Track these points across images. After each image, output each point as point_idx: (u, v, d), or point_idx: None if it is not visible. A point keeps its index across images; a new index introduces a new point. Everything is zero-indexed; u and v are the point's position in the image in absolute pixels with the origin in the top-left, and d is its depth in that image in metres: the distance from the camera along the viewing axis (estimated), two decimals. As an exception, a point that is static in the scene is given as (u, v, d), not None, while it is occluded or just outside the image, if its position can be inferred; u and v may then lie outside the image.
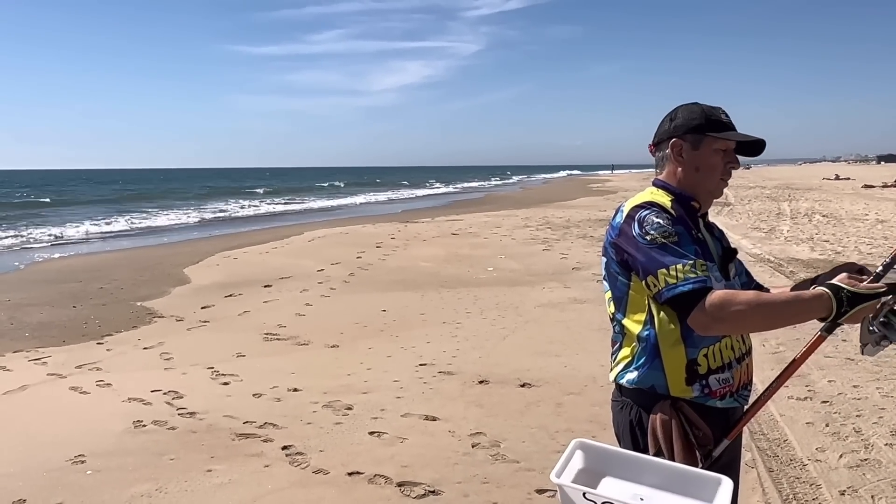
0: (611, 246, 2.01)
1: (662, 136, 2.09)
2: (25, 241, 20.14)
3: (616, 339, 2.08)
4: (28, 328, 8.18)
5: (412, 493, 3.78)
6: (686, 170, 2.06)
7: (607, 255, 2.04)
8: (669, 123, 2.09)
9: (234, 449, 4.46)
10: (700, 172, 2.06)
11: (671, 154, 2.07)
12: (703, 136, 2.03)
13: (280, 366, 6.33)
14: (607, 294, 2.07)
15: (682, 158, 2.06)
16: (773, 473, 3.94)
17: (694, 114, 2.05)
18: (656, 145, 2.12)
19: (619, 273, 2.01)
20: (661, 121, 2.13)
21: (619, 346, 2.05)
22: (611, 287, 2.05)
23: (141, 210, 34.47)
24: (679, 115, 2.08)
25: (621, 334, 2.04)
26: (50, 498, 3.80)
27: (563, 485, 1.58)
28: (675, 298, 1.83)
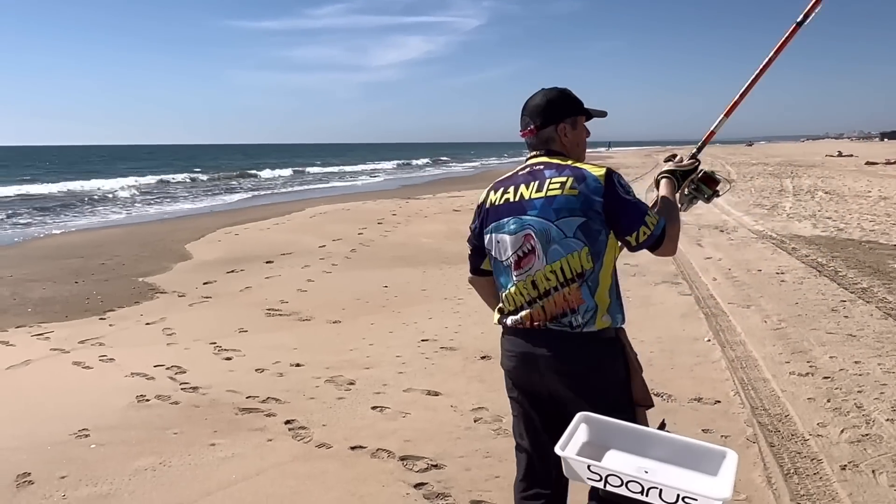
0: (594, 206, 2.23)
1: (554, 116, 2.43)
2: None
3: (582, 295, 2.23)
4: (30, 304, 8.19)
5: (415, 467, 3.79)
6: (581, 144, 2.50)
7: (587, 214, 2.23)
8: (564, 102, 2.46)
9: (237, 423, 4.48)
10: (580, 147, 2.51)
11: (569, 129, 2.45)
12: (580, 117, 2.48)
13: (282, 341, 6.34)
14: (571, 257, 2.22)
15: (575, 133, 2.47)
16: (774, 448, 3.95)
17: (574, 97, 2.48)
18: (543, 126, 2.43)
19: (600, 230, 2.24)
20: (538, 103, 2.45)
21: (591, 298, 2.23)
22: (589, 244, 2.23)
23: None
24: (565, 97, 2.46)
25: (593, 287, 2.24)
26: (54, 471, 3.81)
27: (567, 457, 1.58)
28: (657, 239, 2.28)
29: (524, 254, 2.30)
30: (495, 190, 2.45)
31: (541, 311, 2.27)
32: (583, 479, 1.58)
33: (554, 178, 2.30)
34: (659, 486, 1.50)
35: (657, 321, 6.71)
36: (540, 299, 2.27)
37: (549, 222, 2.26)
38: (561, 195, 2.25)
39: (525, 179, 2.38)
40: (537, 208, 2.29)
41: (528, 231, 2.29)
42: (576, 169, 2.31)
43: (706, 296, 7.73)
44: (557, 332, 2.25)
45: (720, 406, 4.62)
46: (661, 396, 4.78)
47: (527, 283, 2.29)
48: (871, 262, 9.40)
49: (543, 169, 2.37)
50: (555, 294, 2.25)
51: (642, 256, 10.16)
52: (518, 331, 2.34)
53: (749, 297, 7.62)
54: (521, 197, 2.34)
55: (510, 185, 2.41)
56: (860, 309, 6.95)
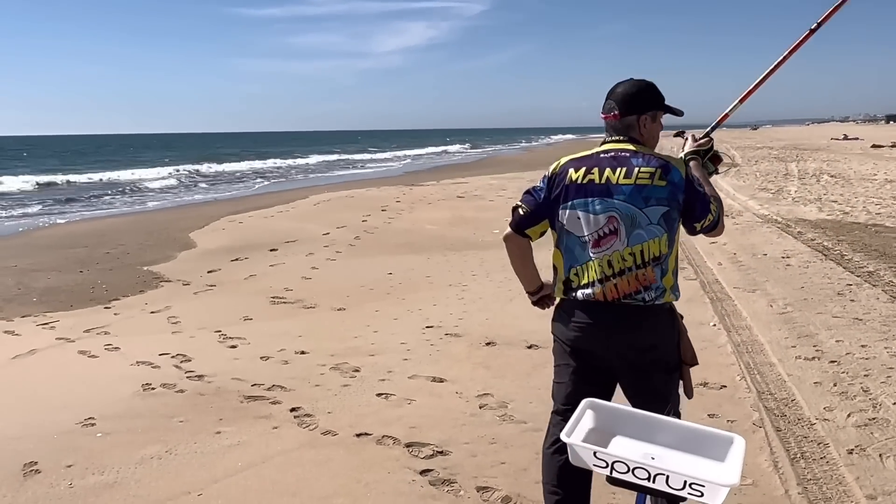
0: (680, 197, 2.45)
1: (638, 107, 2.59)
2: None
3: (656, 275, 2.44)
4: (35, 293, 8.20)
5: (420, 454, 3.79)
6: (656, 136, 2.67)
7: (671, 204, 2.44)
8: (649, 96, 2.61)
9: (242, 411, 4.48)
10: (655, 139, 2.67)
11: (649, 121, 2.61)
12: (660, 112, 2.66)
13: (287, 329, 6.34)
14: (653, 242, 2.42)
15: (653, 126, 2.63)
16: (780, 433, 3.94)
17: (658, 93, 2.65)
18: (626, 114, 2.58)
19: (677, 219, 2.49)
20: (626, 91, 2.60)
21: (661, 280, 2.44)
22: (668, 231, 2.45)
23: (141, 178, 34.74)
24: (650, 91, 2.62)
25: (665, 269, 2.46)
26: (61, 460, 3.82)
27: (573, 444, 1.57)
28: (715, 224, 2.57)
29: (605, 234, 2.46)
30: (575, 168, 2.55)
31: (614, 288, 2.45)
32: (589, 465, 1.57)
33: (643, 167, 2.47)
34: (665, 473, 1.49)
35: (662, 306, 6.68)
36: (614, 277, 2.44)
37: (636, 208, 2.43)
38: (650, 185, 2.44)
39: (610, 164, 2.51)
40: (625, 194, 2.45)
41: (613, 214, 2.45)
42: (662, 161, 2.49)
43: (711, 280, 7.70)
44: (631, 306, 2.44)
45: (726, 391, 4.60)
46: (667, 381, 4.77)
47: (603, 261, 2.45)
48: (878, 245, 9.36)
49: (630, 157, 2.50)
50: (629, 274, 2.43)
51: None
52: (589, 304, 2.49)
53: (755, 281, 7.60)
54: (607, 180, 2.48)
55: (594, 167, 2.52)
56: (866, 293, 6.92)
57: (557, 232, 2.61)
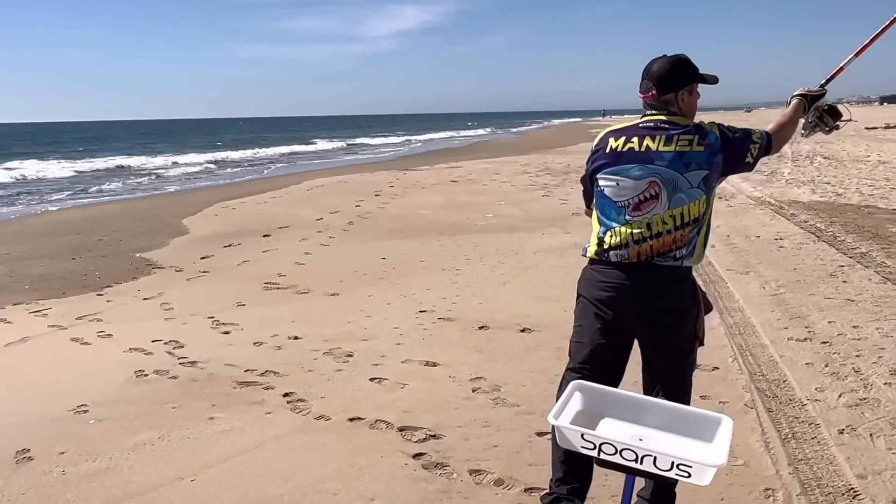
0: (716, 159, 2.60)
1: (675, 84, 2.68)
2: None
3: (690, 237, 2.61)
4: (27, 281, 8.17)
5: (413, 438, 3.80)
6: (694, 108, 2.77)
7: (710, 167, 2.59)
8: (684, 71, 2.71)
9: (235, 397, 4.48)
10: (693, 110, 2.78)
11: (686, 95, 2.70)
12: (695, 84, 2.76)
13: (280, 314, 6.33)
14: (693, 205, 2.58)
15: (690, 99, 2.73)
16: (772, 413, 3.96)
17: (692, 66, 2.74)
18: (664, 93, 2.68)
19: (715, 179, 2.63)
20: (661, 70, 2.69)
21: (693, 241, 2.62)
22: (707, 193, 2.60)
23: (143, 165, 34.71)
24: (685, 66, 2.71)
25: (700, 229, 2.63)
26: (53, 447, 3.81)
27: (560, 426, 1.57)
28: (766, 147, 2.71)
29: (646, 199, 2.59)
30: (615, 137, 2.70)
31: (649, 248, 2.59)
32: (577, 447, 1.57)
33: (682, 134, 2.61)
34: (653, 454, 1.49)
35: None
36: (651, 238, 2.58)
37: (678, 173, 2.57)
38: (690, 151, 2.58)
39: (650, 132, 2.65)
40: (666, 160, 2.58)
41: (655, 179, 2.58)
42: (699, 128, 2.64)
43: (704, 262, 7.70)
44: (661, 266, 2.59)
45: (718, 372, 4.62)
46: (660, 364, 4.79)
47: (641, 223, 2.59)
48: (870, 226, 9.38)
49: (668, 126, 2.64)
50: (666, 235, 2.58)
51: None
52: (622, 265, 2.63)
53: (747, 263, 7.61)
54: (647, 147, 2.62)
55: (633, 136, 2.67)
56: (858, 274, 6.94)
57: (596, 197, 2.75)
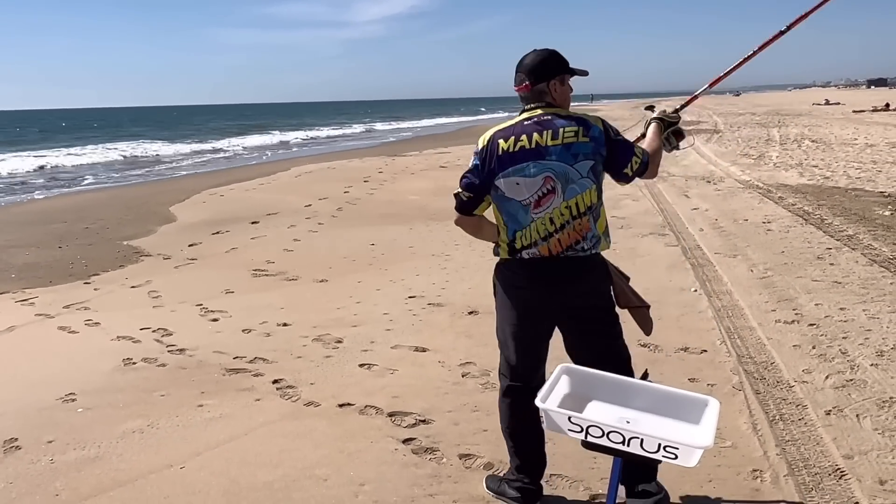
0: (602, 150, 2.70)
1: (546, 74, 2.78)
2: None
3: (590, 224, 2.72)
4: (14, 270, 8.11)
5: (403, 423, 3.80)
6: (568, 99, 2.88)
7: (595, 157, 2.69)
8: (554, 62, 2.81)
9: (224, 384, 4.46)
10: (567, 101, 2.88)
11: (558, 85, 2.81)
12: (566, 75, 2.86)
13: (269, 301, 6.31)
14: (585, 194, 2.69)
15: (563, 89, 2.85)
16: (759, 395, 3.98)
17: (562, 58, 2.84)
18: (537, 83, 2.78)
19: (601, 170, 2.74)
20: (533, 62, 2.80)
21: (593, 227, 2.72)
22: (596, 183, 2.72)
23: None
24: (555, 58, 2.82)
25: (596, 217, 2.74)
26: (42, 436, 3.80)
27: (547, 409, 1.57)
28: (645, 165, 2.82)
29: (544, 193, 2.67)
30: (504, 139, 2.73)
31: (557, 242, 2.69)
32: (564, 430, 1.57)
33: (566, 127, 2.69)
34: (640, 436, 1.49)
35: (644, 273, 6.70)
36: (556, 233, 2.68)
37: (567, 165, 2.66)
38: (577, 142, 2.67)
39: (536, 129, 2.71)
40: (556, 154, 2.66)
41: (548, 174, 2.66)
42: (582, 120, 2.72)
43: (693, 246, 7.73)
44: (573, 258, 2.71)
45: (706, 355, 4.64)
46: (648, 347, 4.79)
47: (545, 219, 2.68)
48: (857, 209, 9.42)
49: (552, 119, 2.71)
50: (568, 227, 2.68)
51: (629, 209, 10.07)
52: (535, 261, 2.73)
53: (735, 246, 7.64)
54: (536, 144, 2.68)
55: (521, 134, 2.71)
56: (846, 256, 6.97)
57: (497, 200, 2.78)
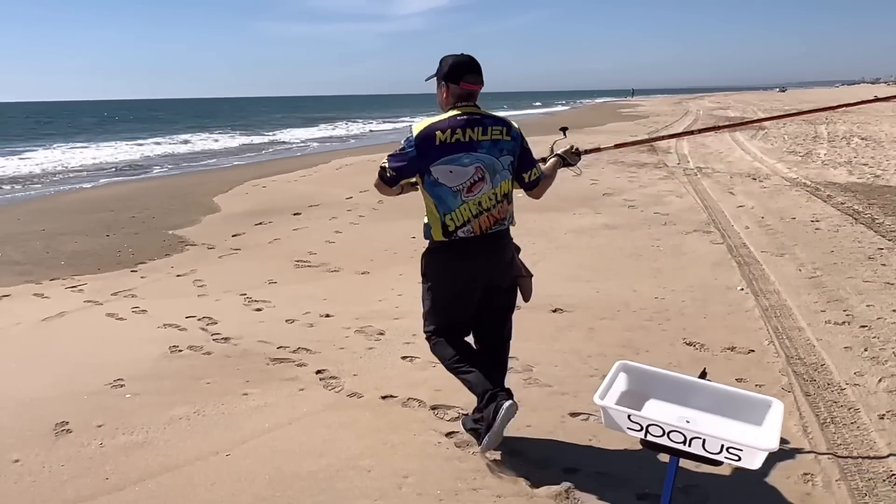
0: (517, 150, 3.24)
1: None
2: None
3: (507, 207, 3.25)
4: (63, 257, 8.29)
5: (445, 416, 3.79)
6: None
7: (513, 154, 3.23)
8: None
9: (268, 373, 4.51)
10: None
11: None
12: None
13: (311, 292, 6.36)
14: (505, 182, 3.21)
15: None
16: (809, 398, 3.90)
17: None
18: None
19: (515, 166, 3.26)
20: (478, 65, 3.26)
21: (509, 208, 3.27)
22: (512, 174, 3.26)
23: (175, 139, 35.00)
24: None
25: (510, 201, 3.27)
26: (91, 420, 3.87)
27: (607, 407, 1.54)
28: (538, 182, 3.36)
29: (475, 181, 3.13)
30: (441, 131, 3.11)
31: (486, 220, 3.18)
32: (623, 428, 1.54)
33: (494, 126, 3.18)
34: (702, 437, 1.46)
35: (689, 270, 6.61)
36: (483, 213, 3.16)
37: (494, 158, 3.16)
38: (502, 139, 3.18)
39: (470, 125, 3.14)
40: (486, 148, 3.14)
41: (479, 164, 3.13)
42: (506, 122, 3.25)
43: (738, 244, 7.60)
44: (497, 232, 3.24)
45: (754, 355, 4.55)
46: (694, 346, 4.73)
47: (475, 202, 3.15)
48: (910, 208, 9.17)
49: (482, 118, 3.18)
50: (493, 209, 3.19)
51: (673, 205, 9.92)
52: (468, 239, 3.18)
53: (783, 245, 7.49)
54: (469, 138, 3.12)
55: (457, 128, 3.12)
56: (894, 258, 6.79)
57: (428, 185, 3.17)
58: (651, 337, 4.94)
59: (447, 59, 3.25)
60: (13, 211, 12.60)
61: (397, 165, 3.16)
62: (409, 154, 3.13)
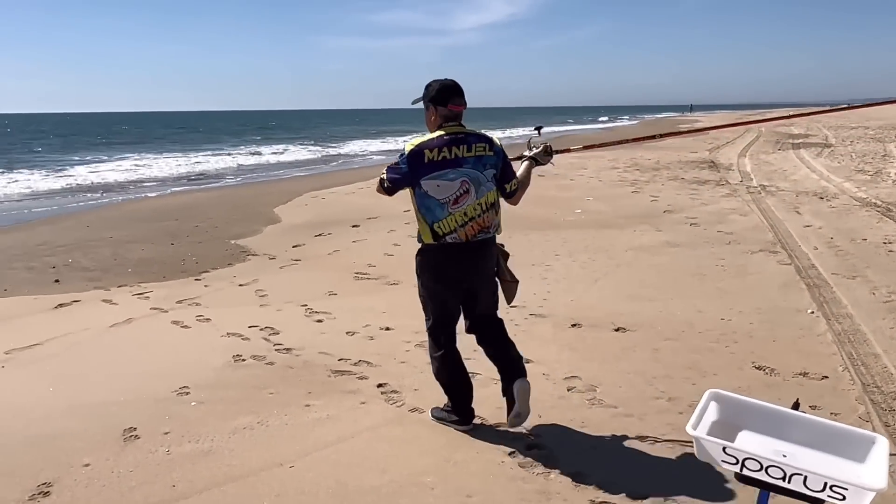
0: (500, 163, 3.61)
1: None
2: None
3: (494, 216, 3.61)
4: (130, 264, 8.49)
5: (509, 435, 3.75)
6: None
7: (496, 168, 3.59)
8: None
9: (330, 385, 4.52)
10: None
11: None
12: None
13: (371, 304, 6.37)
14: (490, 193, 3.56)
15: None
16: (889, 428, 3.74)
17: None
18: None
19: (498, 178, 3.62)
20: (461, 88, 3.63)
21: (495, 217, 3.63)
22: (497, 186, 3.62)
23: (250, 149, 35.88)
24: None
25: (497, 210, 3.63)
26: (158, 427, 3.93)
27: (700, 438, 1.48)
28: (516, 192, 3.76)
29: (461, 194, 3.47)
30: (430, 150, 3.47)
31: (471, 228, 3.51)
32: (717, 461, 1.48)
33: (478, 143, 3.54)
34: (804, 473, 1.38)
35: (755, 291, 6.43)
36: (469, 222, 3.50)
37: (479, 172, 3.51)
38: (485, 155, 3.54)
39: (455, 143, 3.48)
40: (471, 163, 3.49)
41: (464, 178, 3.48)
42: (489, 138, 3.61)
43: (807, 265, 7.37)
44: (483, 240, 3.58)
45: (828, 382, 4.39)
46: (764, 370, 4.59)
47: (461, 213, 3.48)
48: None
49: (466, 136, 3.53)
50: (478, 218, 3.52)
51: (736, 224, 9.69)
52: (456, 245, 3.53)
53: (854, 267, 7.23)
54: (455, 155, 3.47)
55: (444, 146, 3.47)
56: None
57: (418, 197, 3.52)
58: (718, 360, 4.81)
59: (434, 83, 3.60)
60: (83, 218, 12.99)
61: (393, 178, 3.57)
62: (403, 169, 3.50)
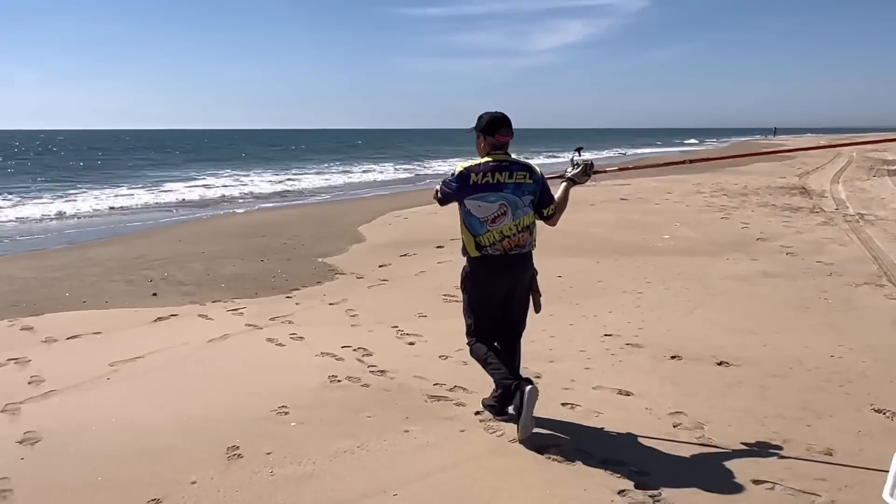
0: (538, 189, 4.11)
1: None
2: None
3: (528, 236, 4.12)
4: (223, 280, 8.68)
5: (617, 472, 3.60)
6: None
7: (534, 194, 4.09)
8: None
9: (427, 411, 4.47)
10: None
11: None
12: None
13: (461, 328, 6.24)
14: (527, 217, 4.08)
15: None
16: None
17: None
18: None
19: (536, 202, 4.13)
20: (510, 121, 4.15)
21: (530, 237, 4.13)
22: (534, 210, 4.14)
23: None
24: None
25: (532, 231, 4.14)
26: (260, 447, 3.94)
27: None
28: (555, 215, 4.24)
29: (497, 216, 4.00)
30: (475, 173, 4.00)
31: (508, 243, 4.03)
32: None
33: (518, 171, 4.04)
34: None
35: (865, 328, 6.11)
36: (505, 239, 4.02)
37: (517, 198, 4.03)
38: (525, 182, 4.05)
39: (499, 170, 4.01)
40: (510, 189, 4.01)
41: (503, 202, 4.00)
42: (530, 167, 4.11)
43: (920, 300, 6.97)
44: (519, 254, 4.09)
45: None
46: (884, 413, 4.32)
47: (498, 231, 4.01)
48: None
49: (510, 164, 4.04)
50: (513, 237, 4.03)
51: (836, 254, 9.28)
52: (497, 256, 4.05)
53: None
54: (497, 180, 4.00)
55: (487, 171, 4.00)
56: None
57: (463, 213, 4.11)
58: (833, 400, 4.56)
59: (484, 115, 4.09)
60: (175, 232, 13.42)
61: (445, 191, 4.15)
62: (453, 186, 4.07)
